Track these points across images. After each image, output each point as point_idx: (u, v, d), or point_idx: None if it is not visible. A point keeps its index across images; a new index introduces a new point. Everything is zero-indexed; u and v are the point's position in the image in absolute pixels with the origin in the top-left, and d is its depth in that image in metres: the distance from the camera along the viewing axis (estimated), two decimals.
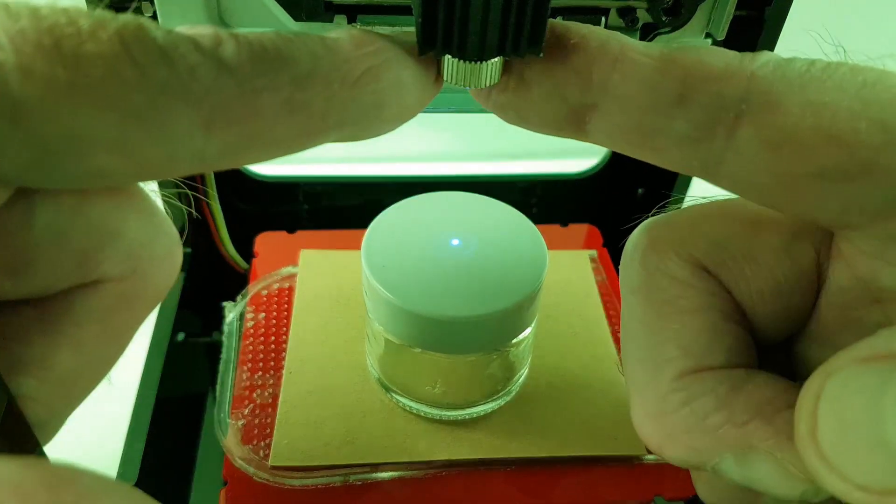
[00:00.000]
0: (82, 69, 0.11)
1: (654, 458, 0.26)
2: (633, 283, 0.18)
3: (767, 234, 0.17)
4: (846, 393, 0.13)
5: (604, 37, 0.15)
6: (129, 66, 0.11)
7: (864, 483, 0.12)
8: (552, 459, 0.26)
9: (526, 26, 0.14)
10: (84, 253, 0.15)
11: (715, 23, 0.28)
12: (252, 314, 0.30)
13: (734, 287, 0.17)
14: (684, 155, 0.15)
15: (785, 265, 0.17)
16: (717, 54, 0.14)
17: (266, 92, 0.13)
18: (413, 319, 0.23)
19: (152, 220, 0.16)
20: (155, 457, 0.27)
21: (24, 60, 0.11)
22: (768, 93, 0.14)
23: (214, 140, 0.12)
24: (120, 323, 0.17)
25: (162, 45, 0.12)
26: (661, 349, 0.17)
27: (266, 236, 0.34)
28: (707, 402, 0.16)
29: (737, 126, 0.14)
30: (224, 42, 0.12)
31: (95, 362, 0.17)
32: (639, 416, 0.17)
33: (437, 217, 0.26)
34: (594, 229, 0.37)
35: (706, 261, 0.17)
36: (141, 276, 0.16)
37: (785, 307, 0.17)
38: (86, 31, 0.11)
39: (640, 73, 0.14)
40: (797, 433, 0.14)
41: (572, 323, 0.30)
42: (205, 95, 0.12)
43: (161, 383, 0.29)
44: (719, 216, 0.17)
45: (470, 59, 0.15)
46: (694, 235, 0.17)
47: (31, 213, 0.14)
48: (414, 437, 0.26)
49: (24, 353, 0.15)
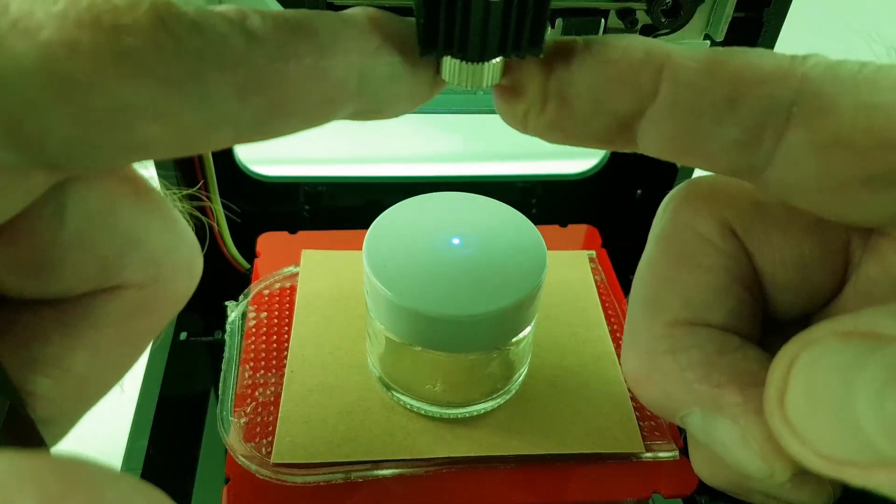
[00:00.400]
0: (123, 40, 0.12)
1: (652, 456, 0.26)
2: (659, 231, 0.18)
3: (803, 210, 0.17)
4: (821, 364, 0.13)
5: (646, 46, 0.15)
6: (166, 36, 0.12)
7: (826, 452, 0.13)
8: (551, 457, 0.26)
9: (526, 27, 0.14)
10: (108, 258, 0.15)
11: (714, 24, 0.28)
12: (254, 313, 0.30)
13: (758, 254, 0.17)
14: (732, 159, 0.15)
15: (814, 241, 0.17)
16: (765, 56, 0.14)
17: (292, 59, 0.13)
18: (414, 318, 0.23)
19: (175, 228, 0.16)
20: (158, 454, 0.27)
21: (68, 37, 0.11)
22: (819, 94, 0.13)
23: (248, 107, 0.13)
24: (137, 329, 0.17)
25: (193, 18, 0.12)
26: (663, 295, 0.17)
27: (268, 236, 0.35)
28: (692, 355, 0.16)
29: (787, 129, 0.14)
30: (249, 15, 0.13)
31: (111, 367, 0.17)
32: (627, 351, 0.18)
33: (437, 217, 0.26)
34: (593, 230, 0.37)
35: (736, 223, 0.17)
36: (161, 283, 0.16)
37: (806, 281, 0.17)
38: (122, 7, 0.12)
39: (688, 78, 0.14)
40: (766, 395, 0.14)
41: (571, 322, 0.31)
42: (238, 62, 0.12)
43: (164, 382, 0.29)
44: None
45: (471, 60, 0.15)
46: (732, 197, 0.17)
47: (60, 215, 0.14)
48: (414, 434, 0.26)
49: (41, 352, 0.15)
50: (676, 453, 0.26)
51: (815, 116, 0.13)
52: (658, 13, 0.27)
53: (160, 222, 0.16)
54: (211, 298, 0.32)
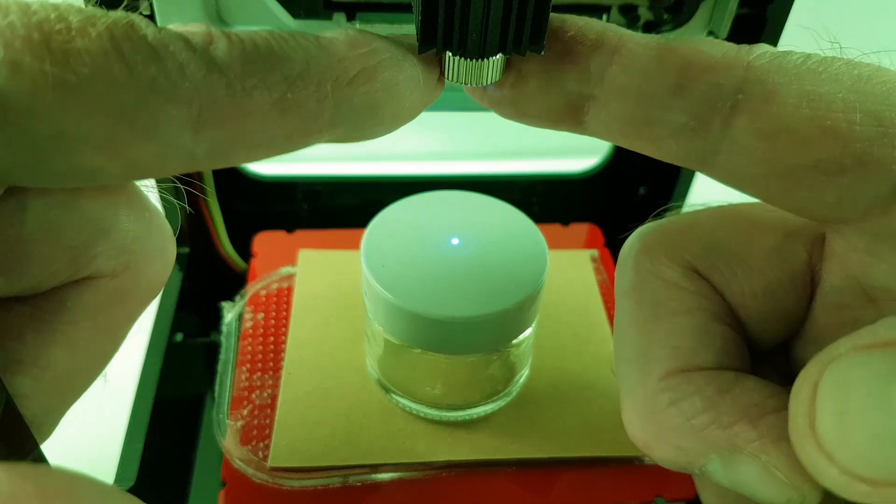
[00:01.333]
0: (71, 66, 0.11)
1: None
2: (625, 286, 0.18)
3: (759, 236, 0.17)
4: (849, 381, 0.12)
5: (601, 28, 0.15)
6: (118, 64, 0.11)
7: (869, 475, 0.12)
8: (553, 460, 0.26)
9: (527, 24, 0.14)
10: (76, 248, 0.15)
11: (717, 20, 0.28)
12: (251, 314, 0.30)
13: (726, 289, 0.17)
14: (681, 146, 0.15)
15: (776, 267, 0.17)
16: (714, 45, 0.14)
17: (257, 91, 0.12)
18: (413, 320, 0.23)
19: (144, 214, 0.16)
20: (153, 458, 0.27)
21: (13, 56, 0.11)
22: (764, 83, 0.14)
23: (204, 139, 0.12)
24: (114, 319, 0.16)
25: (152, 43, 0.12)
26: (650, 349, 0.17)
27: (264, 236, 0.34)
28: (694, 402, 0.16)
29: (733, 116, 0.14)
30: (216, 40, 0.12)
31: (90, 360, 0.17)
32: (628, 415, 0.17)
33: (436, 216, 0.26)
34: (595, 229, 0.37)
35: (697, 263, 0.17)
36: (134, 271, 0.16)
37: (778, 309, 0.17)
38: (76, 28, 0.11)
39: (638, 63, 0.14)
40: (793, 425, 0.13)
41: (573, 323, 0.30)
42: (194, 94, 0.12)
43: (159, 384, 0.29)
44: (711, 220, 0.18)
45: (471, 57, 0.15)
46: (686, 239, 0.17)
47: (22, 209, 0.14)
48: (413, 437, 0.26)
49: (17, 351, 0.15)
50: None
51: (760, 104, 0.14)
52: (660, 9, 0.27)
53: (128, 208, 0.15)
54: (207, 299, 0.32)
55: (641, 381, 0.17)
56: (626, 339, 0.18)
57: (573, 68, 0.15)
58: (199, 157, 0.13)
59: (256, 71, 0.12)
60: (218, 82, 0.12)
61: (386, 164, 0.45)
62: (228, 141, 0.13)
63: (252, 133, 0.13)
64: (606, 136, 0.16)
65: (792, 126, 0.14)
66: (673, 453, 0.16)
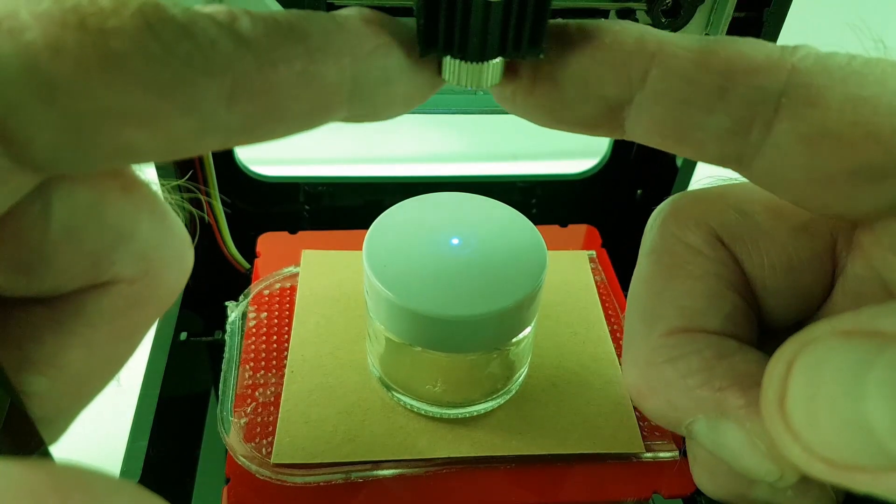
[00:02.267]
0: (109, 44, 0.11)
1: (652, 456, 0.26)
2: (648, 246, 0.18)
3: (787, 213, 0.17)
4: (823, 365, 0.13)
5: (639, 32, 0.14)
6: (153, 41, 0.12)
7: (830, 457, 0.12)
8: (552, 457, 0.26)
9: (527, 27, 0.14)
10: (97, 253, 0.15)
11: (714, 24, 0.28)
12: (254, 314, 0.30)
13: (747, 260, 0.17)
14: (721, 148, 0.15)
15: (800, 245, 0.17)
16: (757, 46, 0.14)
17: (282, 64, 0.13)
18: (414, 318, 0.23)
19: (164, 222, 0.16)
20: (158, 455, 0.27)
21: (52, 39, 0.11)
22: (808, 86, 0.13)
23: (237, 112, 0.13)
24: (131, 324, 0.17)
25: (182, 21, 0.12)
26: (659, 305, 0.17)
27: (268, 237, 0.35)
28: (691, 362, 0.16)
29: (775, 120, 0.14)
30: (239, 17, 0.13)
31: (105, 363, 0.17)
32: (627, 364, 0.18)
33: (437, 217, 0.26)
34: (593, 230, 0.37)
35: (722, 232, 0.17)
36: (152, 277, 0.16)
37: (796, 286, 0.17)
38: (108, 10, 0.12)
39: (679, 67, 0.14)
40: (763, 397, 0.13)
41: (572, 322, 0.31)
42: (226, 67, 0.12)
43: (164, 382, 0.29)
44: (743, 193, 0.18)
45: (471, 60, 0.15)
46: (715, 207, 0.17)
47: (47, 211, 0.14)
48: (414, 434, 0.26)
49: (35, 351, 0.15)
50: (677, 453, 0.26)
51: (804, 107, 0.13)
52: (658, 13, 0.27)
53: (149, 215, 0.16)
54: (211, 298, 0.32)
55: (645, 333, 0.17)
56: (638, 295, 0.18)
57: (612, 74, 0.14)
58: (233, 131, 0.13)
59: (279, 44, 0.13)
60: (246, 56, 0.12)
61: (387, 166, 0.45)
62: (259, 114, 0.13)
63: (279, 105, 0.13)
64: (646, 139, 0.15)
65: (835, 130, 0.13)
66: (663, 407, 0.17)
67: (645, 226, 0.19)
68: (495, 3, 0.14)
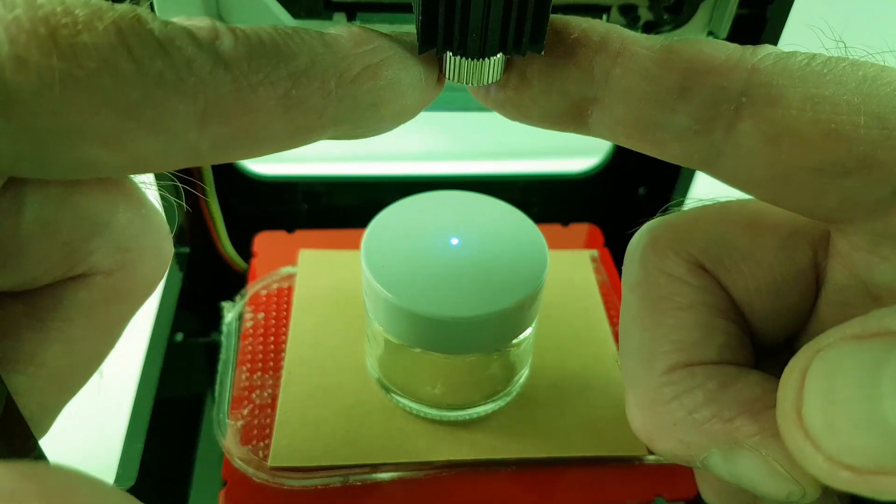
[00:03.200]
0: (78, 60, 0.11)
1: (654, 459, 0.26)
2: (631, 280, 0.18)
3: (765, 232, 0.17)
4: (837, 370, 0.13)
5: (604, 30, 0.15)
6: (125, 59, 0.11)
7: (853, 463, 0.12)
8: (553, 460, 0.26)
9: (527, 24, 0.14)
10: (72, 244, 0.15)
11: (717, 21, 0.28)
12: (251, 314, 0.30)
13: (731, 285, 0.17)
14: (684, 148, 0.15)
15: (782, 263, 0.17)
16: (718, 46, 0.14)
17: (262, 87, 0.12)
18: (413, 319, 0.23)
19: (141, 211, 0.16)
20: (154, 457, 0.27)
21: (19, 50, 0.11)
22: (769, 85, 0.14)
23: (208, 134, 0.12)
24: (109, 317, 0.16)
25: (158, 37, 0.12)
26: (654, 343, 0.17)
27: (265, 236, 0.34)
28: (696, 396, 0.16)
29: (737, 119, 0.14)
30: (221, 35, 0.12)
31: (86, 357, 0.17)
32: (632, 408, 0.18)
33: (436, 216, 0.26)
34: (595, 229, 0.37)
35: (704, 259, 0.17)
36: (130, 268, 0.16)
37: (783, 305, 0.17)
38: (82, 22, 0.11)
39: (642, 65, 0.14)
40: (780, 412, 0.13)
41: (573, 323, 0.30)
42: (200, 89, 0.12)
43: (160, 384, 0.29)
44: (718, 216, 0.18)
45: (471, 57, 0.15)
46: (693, 234, 0.17)
47: (19, 203, 0.14)
48: (414, 437, 0.26)
49: (13, 349, 0.15)
50: None
51: (765, 107, 0.14)
52: (660, 9, 0.27)
53: (126, 205, 0.15)
54: (207, 299, 0.32)
55: (645, 375, 0.17)
56: (630, 334, 0.18)
57: (576, 71, 0.15)
58: (203, 152, 0.13)
59: (262, 67, 0.12)
60: (224, 78, 0.12)
61: (386, 164, 0.45)
62: (232, 136, 0.13)
63: (256, 129, 0.13)
64: (610, 137, 0.16)
65: (796, 129, 0.14)
66: (675, 447, 0.16)
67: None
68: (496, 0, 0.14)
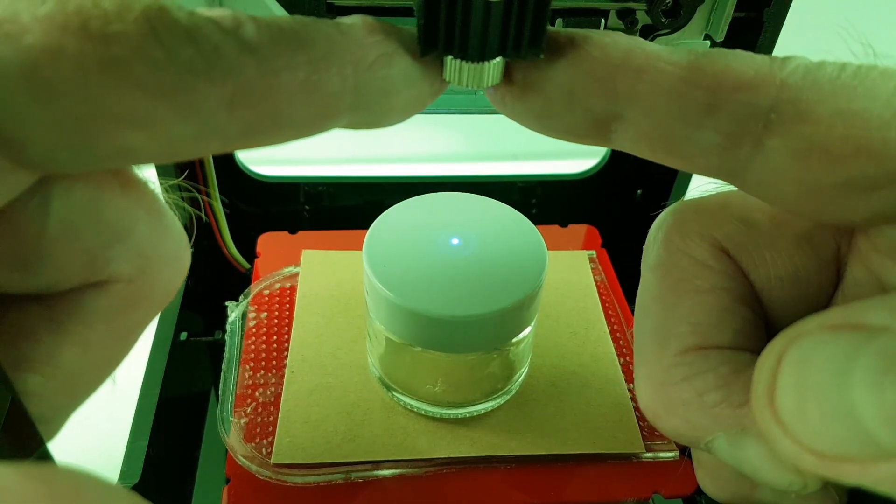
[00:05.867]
0: (111, 48, 0.11)
1: (651, 456, 0.26)
2: (652, 260, 0.18)
3: (790, 222, 0.17)
4: (812, 358, 0.13)
5: (627, 46, 0.14)
6: (156, 46, 0.12)
7: (820, 449, 0.12)
8: (552, 457, 0.26)
9: (527, 27, 0.14)
10: (94, 250, 0.15)
11: (714, 24, 0.28)
12: (254, 314, 0.30)
13: (753, 271, 0.17)
14: (710, 162, 0.15)
15: (805, 254, 0.17)
16: (746, 60, 0.14)
17: (285, 72, 0.13)
18: (414, 318, 0.23)
19: (162, 220, 0.16)
20: (158, 455, 0.27)
21: (53, 42, 0.11)
22: (798, 101, 0.13)
23: (237, 118, 0.13)
24: (127, 323, 0.17)
25: (186, 26, 0.12)
26: (670, 324, 0.17)
27: (268, 237, 0.35)
28: (707, 380, 0.16)
29: (765, 135, 0.14)
30: (244, 23, 0.13)
31: (101, 362, 0.17)
32: (641, 384, 0.18)
33: (437, 217, 0.26)
34: (593, 230, 0.37)
35: (728, 244, 0.17)
36: (149, 277, 0.16)
37: (802, 296, 0.17)
38: (112, 13, 0.12)
39: (667, 82, 0.14)
40: (753, 391, 0.14)
41: (571, 322, 0.31)
42: (228, 74, 0.12)
43: (164, 382, 0.29)
44: (745, 201, 0.17)
45: (471, 60, 0.15)
46: (718, 218, 0.17)
47: (45, 208, 0.14)
48: (415, 435, 0.26)
49: (30, 349, 0.15)
50: (676, 453, 0.26)
51: (793, 123, 0.13)
52: (658, 13, 0.27)
53: (147, 214, 0.16)
54: (211, 298, 0.32)
55: (658, 353, 0.17)
56: (647, 312, 0.18)
57: (598, 88, 0.14)
58: (231, 136, 0.13)
59: (283, 52, 0.13)
60: (249, 62, 0.12)
61: (387, 165, 0.46)
62: (259, 120, 0.13)
63: (280, 113, 0.13)
64: (634, 151, 0.15)
65: (825, 145, 0.13)
66: (681, 426, 0.17)
67: (645, 226, 0.19)
68: (495, 4, 0.14)
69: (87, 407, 0.17)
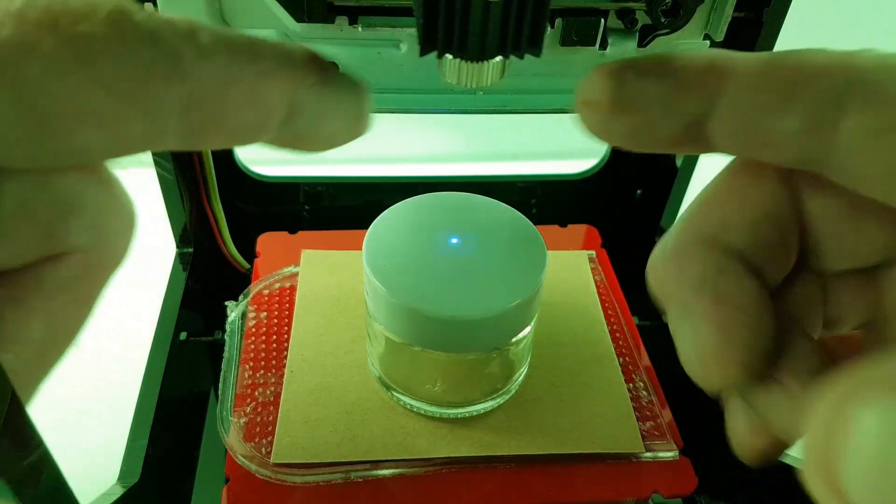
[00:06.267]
0: (80, 47, 0.12)
1: (651, 456, 0.26)
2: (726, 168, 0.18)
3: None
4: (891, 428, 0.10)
5: (709, 53, 0.16)
6: (121, 47, 0.12)
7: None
8: (551, 457, 0.26)
9: (525, 27, 0.15)
10: (50, 225, 0.15)
11: (714, 24, 0.28)
12: (254, 313, 0.30)
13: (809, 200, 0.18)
14: (796, 149, 0.15)
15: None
16: (819, 53, 0.15)
17: (235, 80, 0.14)
18: (413, 318, 0.23)
19: (112, 191, 0.17)
20: (158, 454, 0.27)
21: (24, 38, 0.12)
22: (867, 83, 0.14)
23: (188, 120, 0.13)
24: (86, 291, 0.17)
25: (149, 28, 0.13)
26: (705, 207, 0.18)
27: (268, 236, 0.35)
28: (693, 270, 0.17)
29: (841, 118, 0.15)
30: (199, 31, 0.13)
31: (65, 331, 0.17)
32: (654, 255, 0.18)
33: (437, 217, 0.26)
34: (593, 230, 0.37)
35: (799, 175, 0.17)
36: (104, 245, 0.17)
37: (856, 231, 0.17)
38: (79, 13, 0.12)
39: (750, 78, 0.15)
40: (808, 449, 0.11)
41: (571, 322, 0.31)
42: (186, 77, 0.13)
43: (164, 382, 0.29)
44: None
45: (471, 59, 0.15)
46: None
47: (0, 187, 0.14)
48: (414, 434, 0.26)
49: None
50: (676, 453, 0.26)
51: (865, 103, 0.14)
52: (658, 13, 0.27)
53: (98, 185, 0.16)
54: (211, 298, 0.32)
55: (680, 224, 0.18)
56: (703, 191, 0.18)
57: (690, 92, 0.16)
58: (177, 137, 0.14)
59: (235, 62, 0.14)
60: (206, 68, 0.13)
61: (387, 165, 0.45)
62: (205, 124, 0.14)
63: (225, 119, 0.14)
64: (729, 148, 0.16)
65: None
66: (655, 288, 0.17)
67: (645, 226, 0.19)
68: (494, 3, 0.14)
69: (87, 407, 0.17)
